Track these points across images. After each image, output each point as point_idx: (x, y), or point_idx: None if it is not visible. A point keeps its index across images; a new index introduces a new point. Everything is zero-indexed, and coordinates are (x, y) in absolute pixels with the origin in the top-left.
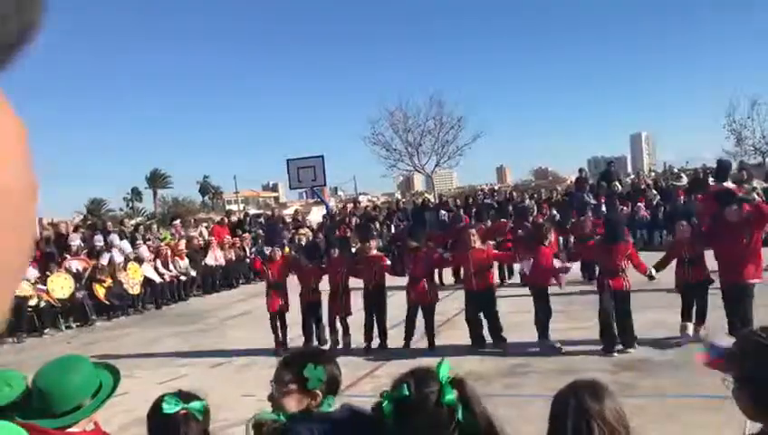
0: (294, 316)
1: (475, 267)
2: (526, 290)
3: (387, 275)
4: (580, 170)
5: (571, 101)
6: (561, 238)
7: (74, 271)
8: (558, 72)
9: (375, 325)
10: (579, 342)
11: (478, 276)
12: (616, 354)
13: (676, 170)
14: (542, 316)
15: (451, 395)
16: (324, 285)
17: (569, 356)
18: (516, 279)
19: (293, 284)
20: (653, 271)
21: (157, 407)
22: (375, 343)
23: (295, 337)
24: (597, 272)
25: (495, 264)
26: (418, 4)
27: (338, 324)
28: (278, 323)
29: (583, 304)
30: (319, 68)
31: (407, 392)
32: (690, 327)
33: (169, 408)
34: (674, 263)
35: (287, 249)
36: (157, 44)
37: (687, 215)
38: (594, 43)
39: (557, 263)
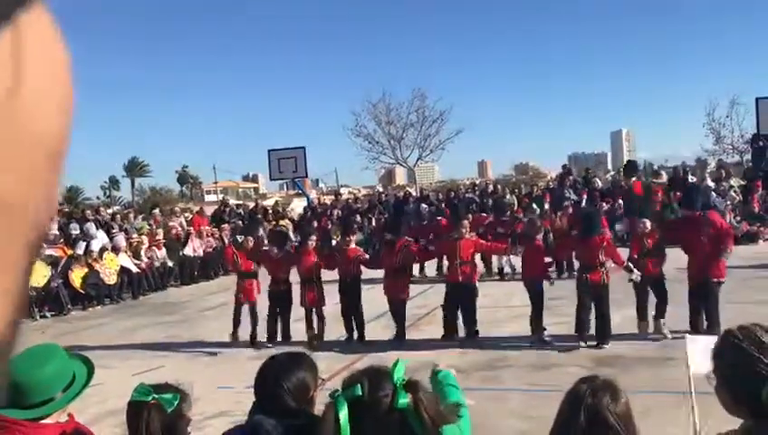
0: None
1: (461, 258)
2: (504, 285)
3: (363, 269)
4: (564, 166)
5: (552, 98)
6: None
7: (50, 259)
8: (540, 68)
9: (352, 318)
10: (557, 336)
11: (463, 267)
12: (582, 344)
13: (655, 168)
14: (539, 312)
15: (404, 400)
16: (294, 276)
17: (546, 351)
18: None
19: (264, 274)
20: (633, 269)
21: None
22: (355, 334)
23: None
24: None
25: (478, 258)
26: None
27: (313, 318)
28: (240, 313)
29: (560, 298)
30: (302, 58)
31: (359, 393)
32: (650, 325)
33: (138, 396)
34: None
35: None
36: (137, 31)
37: (645, 214)
38: (576, 39)
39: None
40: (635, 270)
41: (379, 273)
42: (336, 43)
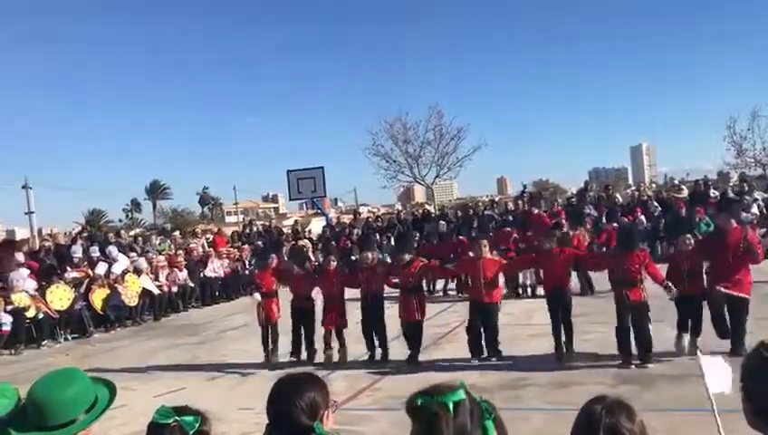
0: (285, 325)
1: (486, 278)
2: (525, 302)
3: (385, 287)
4: (586, 182)
5: (571, 113)
6: None
7: (73, 282)
8: (559, 83)
9: (375, 337)
10: (579, 354)
11: (487, 287)
12: (633, 367)
13: (676, 182)
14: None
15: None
16: (318, 294)
17: (568, 369)
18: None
19: (286, 293)
20: (672, 287)
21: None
22: (378, 352)
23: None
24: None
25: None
26: (419, 17)
27: (333, 340)
28: (269, 335)
29: (584, 315)
30: (319, 78)
31: (462, 397)
32: (686, 339)
33: (159, 418)
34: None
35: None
36: (155, 54)
37: (690, 228)
38: (594, 54)
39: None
40: (673, 287)
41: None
42: (353, 63)
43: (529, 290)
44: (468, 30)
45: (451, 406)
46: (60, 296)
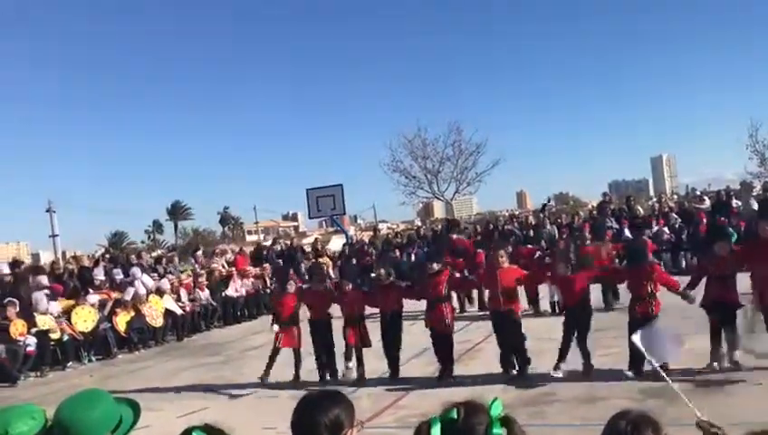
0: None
1: (504, 287)
2: (547, 318)
3: (404, 305)
4: (604, 195)
5: (590, 125)
6: None
7: (97, 304)
8: (577, 95)
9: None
10: (603, 369)
11: (506, 296)
12: (629, 375)
13: (698, 193)
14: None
15: (498, 431)
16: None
17: (593, 384)
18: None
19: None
20: (689, 293)
21: None
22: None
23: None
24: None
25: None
26: (437, 34)
27: (353, 356)
28: (275, 358)
29: (606, 329)
30: (337, 96)
31: (455, 416)
32: (722, 352)
33: None
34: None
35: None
36: (176, 76)
37: (726, 235)
38: (611, 66)
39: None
40: (689, 293)
41: (421, 308)
42: (372, 78)
43: (553, 306)
44: (489, 44)
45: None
46: (84, 318)
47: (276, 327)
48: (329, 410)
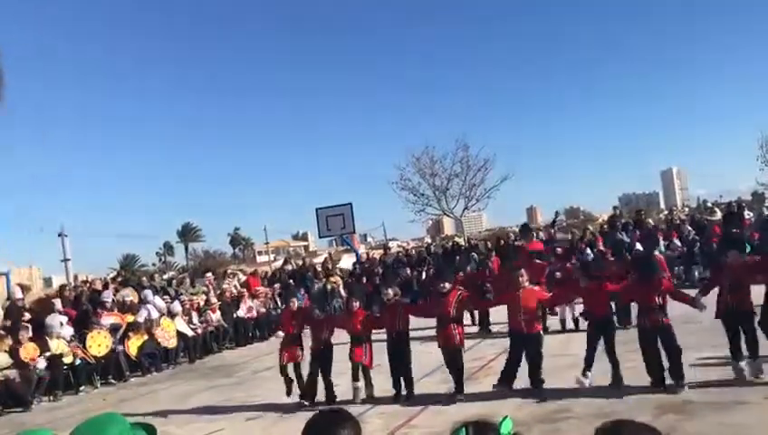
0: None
1: (525, 308)
2: (562, 335)
3: (410, 324)
4: (614, 208)
5: (600, 139)
6: None
7: (109, 328)
8: (586, 108)
9: (401, 375)
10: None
11: (527, 317)
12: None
13: (710, 205)
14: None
15: None
16: (339, 337)
17: (609, 399)
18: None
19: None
20: (700, 302)
21: None
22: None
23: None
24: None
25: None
26: (443, 50)
27: (360, 375)
28: (287, 374)
29: (623, 344)
30: (345, 115)
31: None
32: (743, 364)
33: None
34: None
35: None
36: (182, 97)
37: (743, 244)
38: (620, 78)
39: None
40: (701, 301)
41: (431, 326)
42: (380, 97)
43: (573, 323)
44: (496, 58)
45: None
46: (99, 343)
47: (281, 332)
48: (337, 431)
